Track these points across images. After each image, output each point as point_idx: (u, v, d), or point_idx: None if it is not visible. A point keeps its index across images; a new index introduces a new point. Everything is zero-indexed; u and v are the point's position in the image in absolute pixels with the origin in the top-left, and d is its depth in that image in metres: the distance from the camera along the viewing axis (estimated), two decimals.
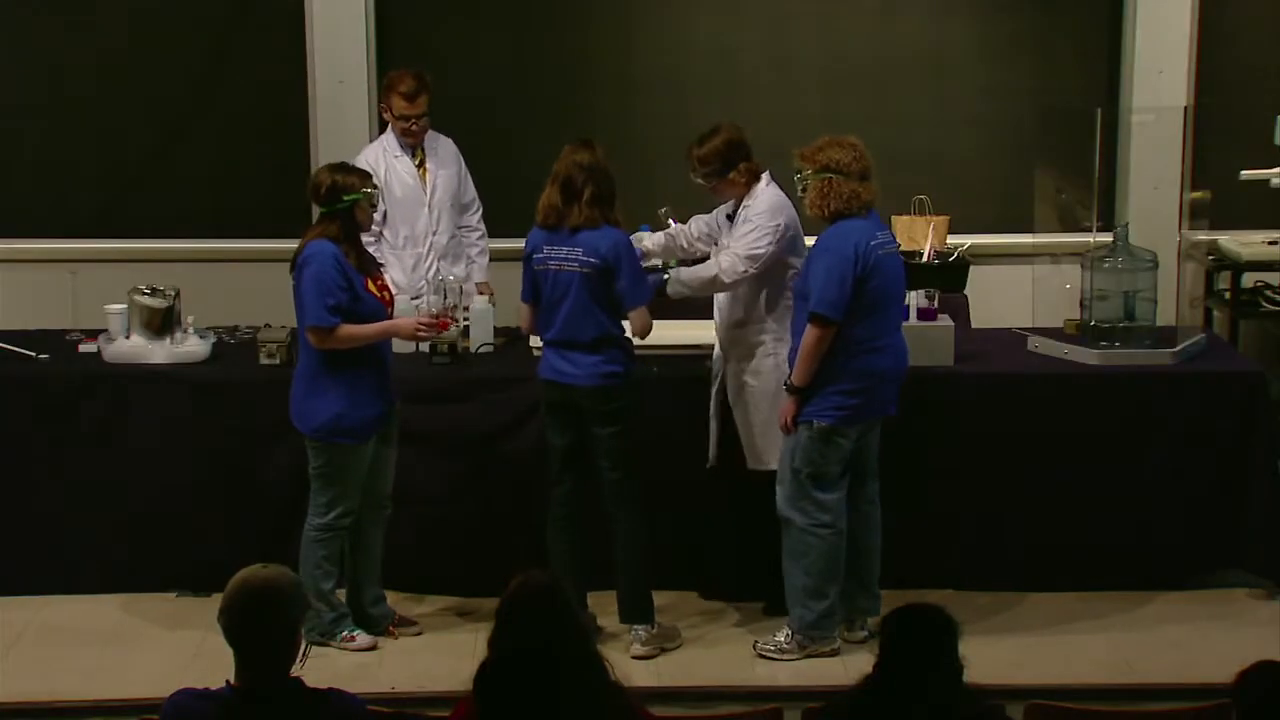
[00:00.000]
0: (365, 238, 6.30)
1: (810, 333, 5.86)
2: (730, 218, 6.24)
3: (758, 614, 6.40)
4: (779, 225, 6.08)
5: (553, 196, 5.93)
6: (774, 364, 6.16)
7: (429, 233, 7.13)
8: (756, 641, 6.11)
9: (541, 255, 5.97)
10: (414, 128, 7.04)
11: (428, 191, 7.13)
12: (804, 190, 5.97)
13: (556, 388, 6.02)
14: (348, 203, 5.90)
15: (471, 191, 7.31)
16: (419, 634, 6.25)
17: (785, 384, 5.96)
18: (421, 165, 7.15)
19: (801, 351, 5.90)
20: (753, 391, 6.21)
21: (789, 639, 6.04)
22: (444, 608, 6.47)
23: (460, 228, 7.27)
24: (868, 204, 5.92)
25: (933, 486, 6.46)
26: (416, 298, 6.75)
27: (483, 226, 7.35)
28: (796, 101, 8.35)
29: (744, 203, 6.17)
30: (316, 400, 5.96)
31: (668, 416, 6.41)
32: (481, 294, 7.06)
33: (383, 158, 7.11)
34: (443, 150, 7.22)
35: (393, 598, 6.33)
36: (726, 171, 6.14)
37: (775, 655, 6.04)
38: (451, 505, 6.49)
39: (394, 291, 6.30)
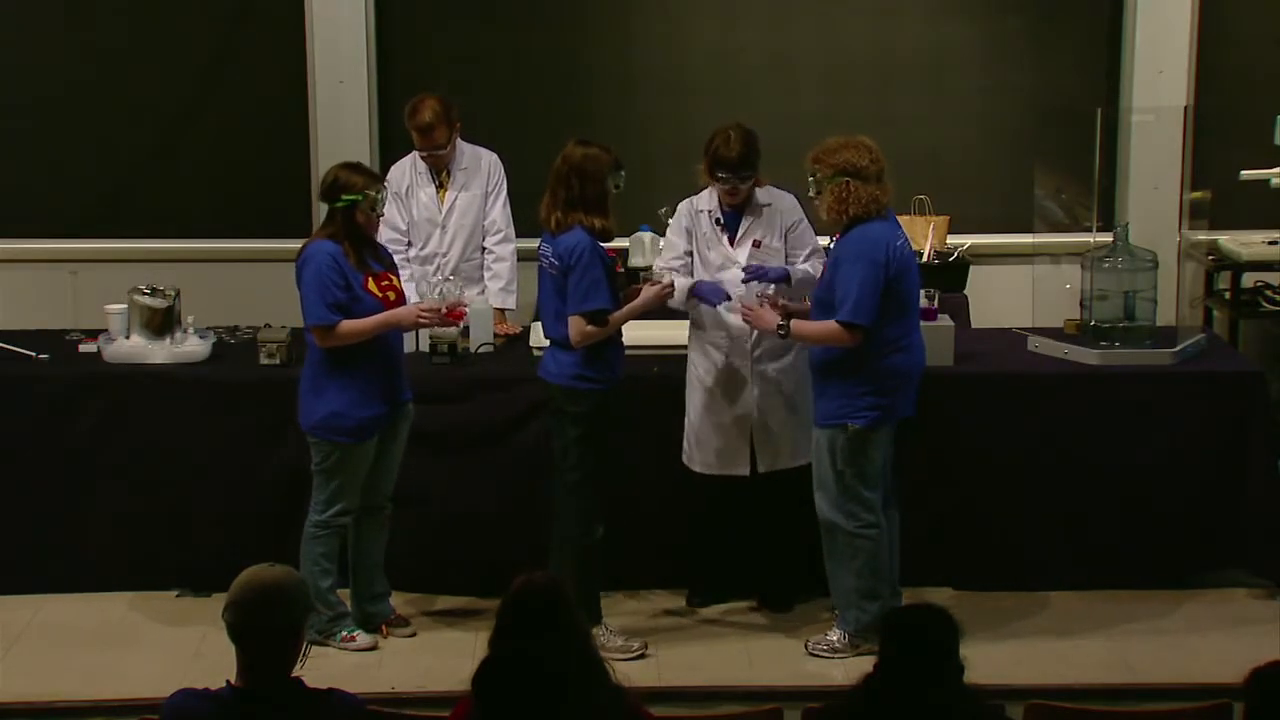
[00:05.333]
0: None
1: (840, 333, 5.80)
2: (720, 222, 6.24)
3: (758, 613, 6.41)
4: None
5: (545, 197, 5.96)
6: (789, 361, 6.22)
7: (438, 254, 7.05)
8: (808, 641, 6.10)
9: (539, 253, 6.01)
10: (430, 158, 6.96)
11: (443, 213, 7.05)
12: (817, 194, 5.89)
13: (543, 385, 6.06)
14: (346, 202, 5.89)
15: (496, 214, 7.07)
16: (412, 634, 6.24)
17: (781, 326, 5.90)
18: (443, 186, 7.05)
19: (821, 333, 5.86)
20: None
21: (842, 639, 6.03)
22: (444, 608, 6.47)
23: (483, 250, 7.12)
24: (886, 205, 5.88)
25: (932, 486, 6.45)
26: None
27: (502, 249, 7.09)
28: (796, 101, 8.35)
29: (756, 200, 6.20)
30: (317, 397, 5.96)
31: (667, 416, 6.41)
32: (499, 324, 6.98)
33: (409, 173, 7.07)
34: (475, 170, 7.05)
35: (393, 598, 6.32)
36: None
37: (828, 654, 6.02)
38: (451, 505, 6.48)
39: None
